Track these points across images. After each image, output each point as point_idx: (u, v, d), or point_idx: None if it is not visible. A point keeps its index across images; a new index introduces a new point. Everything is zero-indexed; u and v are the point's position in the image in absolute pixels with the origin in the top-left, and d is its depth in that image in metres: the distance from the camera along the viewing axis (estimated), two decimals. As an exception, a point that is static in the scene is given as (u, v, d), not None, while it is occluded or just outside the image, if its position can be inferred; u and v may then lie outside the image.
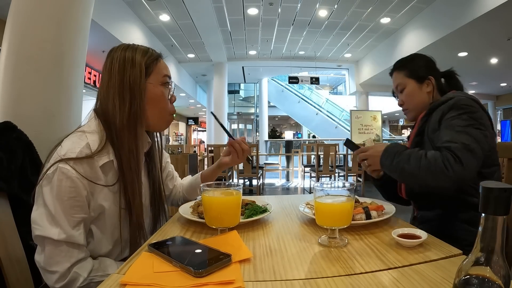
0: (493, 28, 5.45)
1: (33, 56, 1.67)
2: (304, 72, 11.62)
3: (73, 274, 0.73)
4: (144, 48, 0.89)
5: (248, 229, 0.86)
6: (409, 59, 1.24)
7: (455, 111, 1.00)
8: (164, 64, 0.92)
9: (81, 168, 0.75)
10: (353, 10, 6.66)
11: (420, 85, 1.18)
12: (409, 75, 1.20)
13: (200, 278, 0.55)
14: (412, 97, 1.19)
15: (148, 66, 0.87)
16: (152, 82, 0.87)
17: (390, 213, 0.91)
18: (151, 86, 0.86)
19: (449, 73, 1.21)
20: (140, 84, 0.83)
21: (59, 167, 0.73)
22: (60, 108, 1.74)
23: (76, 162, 0.74)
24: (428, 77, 1.17)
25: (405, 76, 1.21)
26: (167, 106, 0.91)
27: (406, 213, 1.10)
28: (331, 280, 0.56)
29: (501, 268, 0.35)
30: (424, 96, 1.18)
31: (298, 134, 21.73)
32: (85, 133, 0.80)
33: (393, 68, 1.27)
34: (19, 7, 1.70)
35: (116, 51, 0.87)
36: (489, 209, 0.35)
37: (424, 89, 1.18)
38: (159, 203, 0.99)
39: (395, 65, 1.26)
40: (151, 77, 0.87)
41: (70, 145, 0.77)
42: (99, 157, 0.78)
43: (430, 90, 1.18)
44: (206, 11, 6.33)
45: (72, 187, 0.73)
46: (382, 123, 9.31)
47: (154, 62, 0.88)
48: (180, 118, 20.67)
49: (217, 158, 4.87)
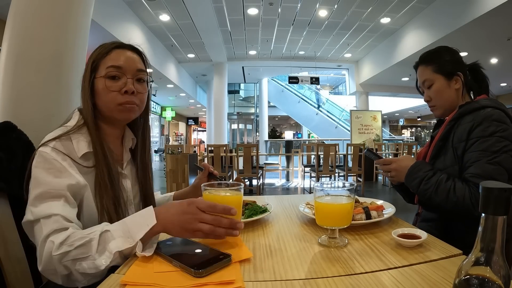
0: (493, 28, 5.46)
1: (33, 56, 1.67)
2: (304, 72, 11.63)
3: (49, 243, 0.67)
4: (105, 44, 0.91)
5: (248, 229, 0.86)
6: (435, 52, 1.16)
7: (486, 127, 0.97)
8: (116, 55, 0.88)
9: (61, 148, 0.79)
10: (353, 10, 6.66)
11: (449, 82, 1.12)
12: (437, 70, 1.13)
13: (200, 278, 0.55)
14: (441, 94, 1.13)
15: (97, 61, 0.87)
16: (97, 77, 0.87)
17: (390, 213, 0.91)
18: (96, 80, 0.87)
19: (475, 67, 1.16)
20: (85, 80, 0.87)
21: (39, 151, 0.78)
22: (60, 108, 1.74)
23: (56, 142, 0.79)
24: (457, 73, 1.11)
25: (432, 72, 1.13)
26: (112, 97, 0.87)
27: (406, 213, 1.10)
28: (331, 280, 0.56)
29: (501, 268, 0.36)
30: (452, 93, 1.12)
31: (298, 134, 21.74)
32: (67, 127, 0.85)
33: (419, 62, 1.19)
34: (19, 7, 1.70)
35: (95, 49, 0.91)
36: (489, 209, 0.35)
37: (452, 86, 1.12)
38: (148, 200, 0.98)
39: (421, 58, 1.18)
40: (98, 72, 0.87)
41: (51, 135, 0.82)
42: (79, 149, 0.82)
43: (459, 87, 1.12)
44: (206, 11, 6.34)
45: (51, 164, 0.76)
46: (382, 123, 9.32)
47: (104, 56, 0.88)
48: (180, 118, 20.67)
49: (217, 158, 4.85)
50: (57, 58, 1.73)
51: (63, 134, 0.81)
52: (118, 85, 0.86)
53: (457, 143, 1.03)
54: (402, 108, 17.21)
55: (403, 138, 17.93)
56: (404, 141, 13.99)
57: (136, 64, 0.90)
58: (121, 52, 0.90)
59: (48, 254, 0.66)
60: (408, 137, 19.93)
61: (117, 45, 0.90)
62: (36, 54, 1.67)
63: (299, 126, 21.56)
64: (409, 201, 1.24)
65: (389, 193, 6.10)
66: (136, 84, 0.89)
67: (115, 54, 0.88)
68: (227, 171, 5.39)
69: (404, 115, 20.71)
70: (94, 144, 0.83)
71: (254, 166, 5.37)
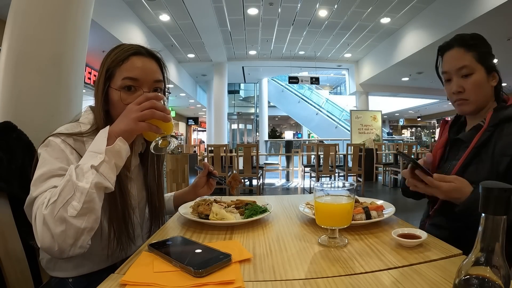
0: (493, 28, 5.45)
1: (33, 56, 1.67)
2: (304, 72, 11.63)
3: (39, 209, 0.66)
4: (120, 48, 0.86)
5: (248, 229, 0.86)
6: (478, 38, 1.00)
7: None
8: (132, 63, 0.84)
9: (71, 142, 0.78)
10: (353, 10, 6.66)
11: (488, 77, 0.98)
12: (480, 59, 0.97)
13: (200, 278, 0.55)
14: (480, 87, 0.97)
15: (111, 69, 0.84)
16: (113, 87, 0.84)
17: (390, 213, 0.91)
18: (112, 90, 0.84)
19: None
20: (98, 88, 0.84)
21: (49, 139, 0.77)
22: (60, 108, 1.74)
23: (67, 137, 0.78)
24: (496, 69, 0.99)
25: (474, 59, 0.97)
26: None
27: (406, 213, 1.10)
28: (331, 280, 0.56)
29: (501, 268, 0.36)
30: (490, 90, 0.99)
31: (298, 134, 21.73)
32: (80, 124, 0.85)
33: (457, 43, 1.00)
34: (19, 7, 1.70)
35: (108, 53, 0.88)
36: (489, 209, 0.35)
37: (490, 82, 0.99)
38: (155, 204, 0.98)
39: (461, 40, 1.00)
40: (113, 81, 0.84)
41: (64, 128, 0.82)
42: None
43: (496, 85, 0.99)
44: (206, 11, 6.34)
45: (59, 154, 0.76)
46: (382, 123, 9.32)
47: (119, 64, 0.83)
48: (180, 118, 20.67)
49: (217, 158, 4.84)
50: (57, 58, 1.73)
51: (76, 134, 0.81)
52: (134, 97, 0.81)
53: (500, 157, 0.88)
54: (402, 108, 17.22)
55: (403, 138, 17.93)
56: (404, 141, 14.00)
57: (154, 75, 0.86)
58: (138, 60, 0.85)
59: (40, 218, 0.64)
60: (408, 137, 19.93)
61: (134, 51, 0.85)
62: (36, 54, 1.67)
63: (299, 126, 21.56)
64: (418, 198, 1.12)
65: (389, 193, 6.10)
66: None
67: (132, 62, 0.84)
68: (227, 171, 5.39)
69: (404, 115, 20.72)
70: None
71: (254, 166, 5.37)
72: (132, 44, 0.88)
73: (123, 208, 0.83)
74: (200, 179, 1.12)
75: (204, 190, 1.12)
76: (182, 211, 0.95)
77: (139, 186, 0.95)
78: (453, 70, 0.99)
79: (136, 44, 0.88)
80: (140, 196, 0.95)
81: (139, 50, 0.86)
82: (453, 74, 0.99)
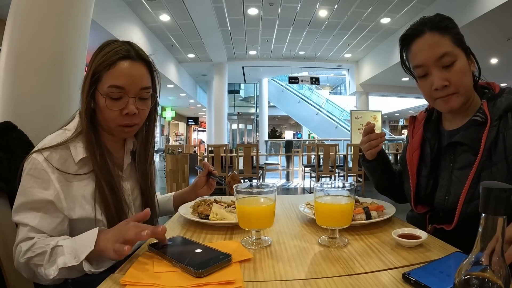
0: (493, 28, 5.46)
1: (33, 56, 1.67)
2: (304, 72, 11.63)
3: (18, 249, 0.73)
4: (109, 48, 0.82)
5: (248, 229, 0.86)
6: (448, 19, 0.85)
7: None
8: (119, 70, 0.80)
9: (55, 160, 0.78)
10: (353, 10, 6.66)
11: (468, 61, 0.84)
12: (458, 43, 0.82)
13: (200, 278, 0.55)
14: (466, 76, 0.82)
15: (99, 72, 0.81)
16: (99, 90, 0.81)
17: (390, 213, 0.91)
18: (98, 94, 0.81)
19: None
20: (84, 91, 0.83)
21: (32, 157, 0.78)
22: (60, 108, 1.74)
23: (51, 152, 0.78)
24: (471, 51, 0.85)
25: (453, 44, 0.81)
26: (112, 117, 0.82)
27: (406, 213, 1.09)
28: (331, 280, 0.56)
29: (501, 268, 0.35)
30: (471, 78, 0.85)
31: (298, 134, 21.73)
32: (66, 131, 0.85)
33: (429, 27, 0.83)
34: (19, 7, 1.70)
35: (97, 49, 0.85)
36: (489, 209, 0.35)
37: (471, 67, 0.84)
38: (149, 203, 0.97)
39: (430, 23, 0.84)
40: (100, 85, 0.81)
41: (49, 140, 0.82)
42: (76, 154, 0.81)
43: (475, 70, 0.85)
44: (206, 11, 6.34)
45: (40, 176, 0.76)
46: (382, 123, 9.31)
47: (106, 69, 0.80)
48: (180, 118, 20.67)
49: (217, 158, 4.85)
50: (57, 58, 1.73)
51: (61, 144, 0.80)
52: (119, 104, 0.81)
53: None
54: (402, 108, 17.22)
55: (403, 138, 17.93)
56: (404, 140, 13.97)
57: (141, 82, 0.83)
58: (126, 66, 0.81)
59: (16, 258, 0.73)
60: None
61: (122, 55, 0.81)
62: (36, 54, 1.67)
63: (299, 126, 21.57)
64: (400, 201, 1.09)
65: (389, 193, 6.09)
66: (138, 101, 0.83)
67: (119, 68, 0.80)
68: (227, 171, 5.39)
69: (404, 115, 20.72)
70: (89, 151, 0.82)
71: (254, 166, 5.37)
72: (123, 44, 0.85)
73: (117, 206, 0.84)
74: (200, 179, 1.12)
75: (204, 190, 1.12)
76: (182, 211, 0.95)
77: (132, 184, 0.95)
78: (431, 61, 0.82)
79: (126, 45, 0.84)
80: (135, 193, 0.95)
81: (128, 54, 0.82)
82: (431, 66, 0.82)
